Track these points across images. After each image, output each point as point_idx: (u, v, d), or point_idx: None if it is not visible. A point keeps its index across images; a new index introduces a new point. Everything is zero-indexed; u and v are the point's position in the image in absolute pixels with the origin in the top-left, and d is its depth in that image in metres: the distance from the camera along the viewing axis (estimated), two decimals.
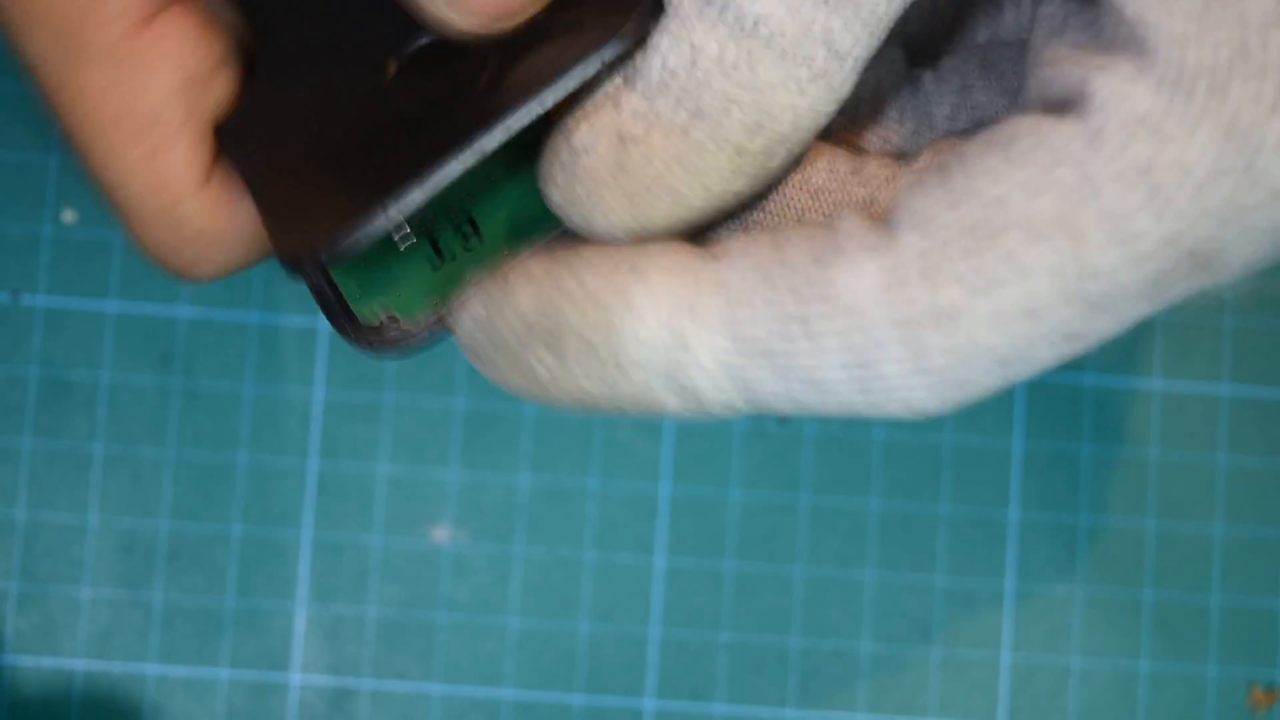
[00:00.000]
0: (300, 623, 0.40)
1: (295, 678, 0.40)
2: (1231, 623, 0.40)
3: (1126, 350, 0.41)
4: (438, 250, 0.28)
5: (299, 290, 0.40)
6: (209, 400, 0.40)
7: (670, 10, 0.25)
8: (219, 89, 0.27)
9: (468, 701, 0.40)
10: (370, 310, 0.27)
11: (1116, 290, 0.23)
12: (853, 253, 0.24)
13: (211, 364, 0.40)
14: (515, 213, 0.28)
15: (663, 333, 0.24)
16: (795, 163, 0.26)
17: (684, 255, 0.25)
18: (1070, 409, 0.41)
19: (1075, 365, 0.41)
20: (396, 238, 0.28)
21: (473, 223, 0.28)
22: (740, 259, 0.24)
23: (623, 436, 0.40)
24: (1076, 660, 0.40)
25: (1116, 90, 0.23)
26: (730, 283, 0.24)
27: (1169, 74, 0.23)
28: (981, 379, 0.24)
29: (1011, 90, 0.28)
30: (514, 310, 0.25)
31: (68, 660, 0.40)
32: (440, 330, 0.27)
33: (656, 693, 0.40)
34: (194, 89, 0.27)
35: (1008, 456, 0.40)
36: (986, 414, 0.41)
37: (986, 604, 0.40)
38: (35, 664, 0.40)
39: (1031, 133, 0.24)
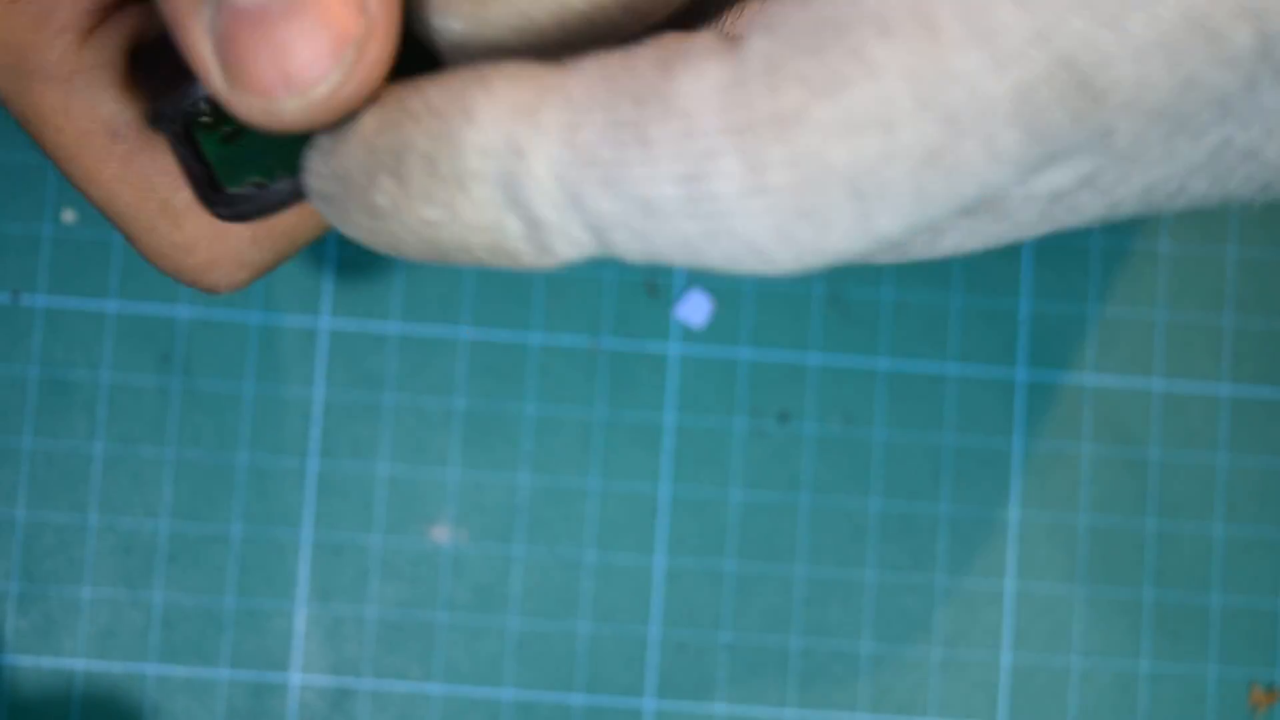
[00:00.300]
0: (300, 623, 0.40)
1: (295, 678, 0.40)
2: (1231, 623, 0.40)
3: (1127, 350, 0.41)
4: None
5: (299, 290, 0.40)
6: (209, 400, 0.40)
7: None
8: None
9: (468, 701, 0.40)
10: (237, 181, 0.27)
11: (981, 101, 0.21)
12: (698, 57, 0.22)
13: (211, 364, 0.40)
14: None
15: (499, 139, 0.22)
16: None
17: (532, 66, 0.23)
18: (1070, 408, 0.41)
19: (1076, 364, 0.41)
20: None
21: None
22: (589, 66, 0.22)
23: (623, 437, 0.40)
24: (1076, 660, 0.40)
25: None
26: (573, 88, 0.22)
27: None
28: (833, 211, 0.21)
29: None
30: (359, 136, 0.24)
31: (68, 660, 0.40)
32: (299, 190, 0.27)
33: (656, 693, 0.40)
34: None
35: (1008, 456, 0.40)
36: (986, 413, 0.41)
37: (986, 604, 0.40)
38: (35, 664, 0.40)
39: None
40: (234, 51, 0.23)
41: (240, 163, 0.28)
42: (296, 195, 0.27)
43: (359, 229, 0.24)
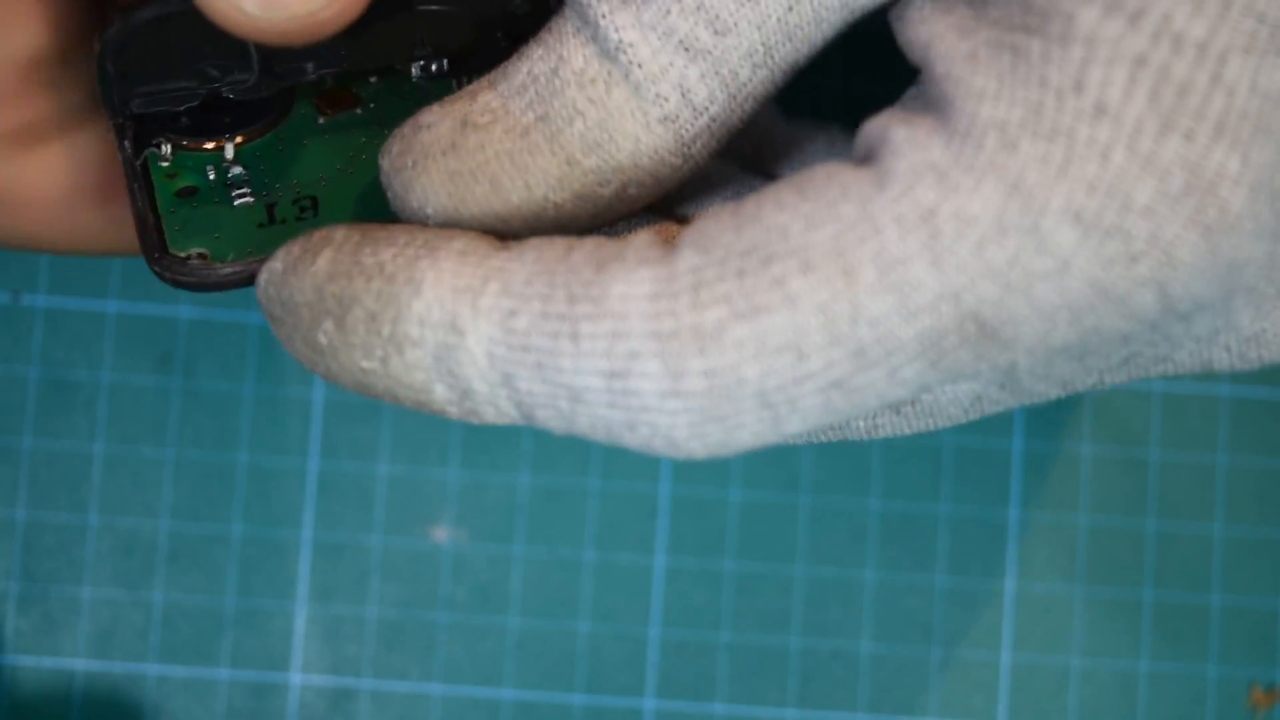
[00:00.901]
0: (300, 623, 0.40)
1: (295, 678, 0.40)
2: (1231, 623, 0.40)
3: None
4: (271, 215, 0.29)
5: None
6: (209, 400, 0.40)
7: (547, 25, 0.25)
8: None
9: (468, 701, 0.40)
10: (183, 245, 0.28)
11: (889, 341, 0.22)
12: (632, 261, 0.23)
13: (211, 364, 0.40)
14: (357, 207, 0.29)
15: (439, 312, 0.24)
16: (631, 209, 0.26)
17: (480, 243, 0.24)
18: (1070, 409, 0.41)
19: None
20: (234, 192, 0.29)
21: (313, 201, 0.29)
22: (529, 253, 0.24)
23: None
24: (1076, 660, 0.40)
25: (911, 138, 0.23)
26: (513, 273, 0.24)
27: (961, 125, 0.22)
28: (743, 417, 0.23)
29: None
30: (310, 273, 0.25)
31: (68, 660, 0.40)
32: (242, 279, 0.28)
33: (656, 693, 0.40)
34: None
35: (1008, 456, 0.40)
36: None
37: (986, 604, 0.40)
38: (35, 664, 0.40)
39: (827, 173, 0.23)
40: None
41: (190, 226, 0.28)
42: (237, 283, 0.28)
43: (298, 354, 0.26)
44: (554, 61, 0.25)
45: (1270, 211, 0.22)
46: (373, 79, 0.30)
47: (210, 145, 0.29)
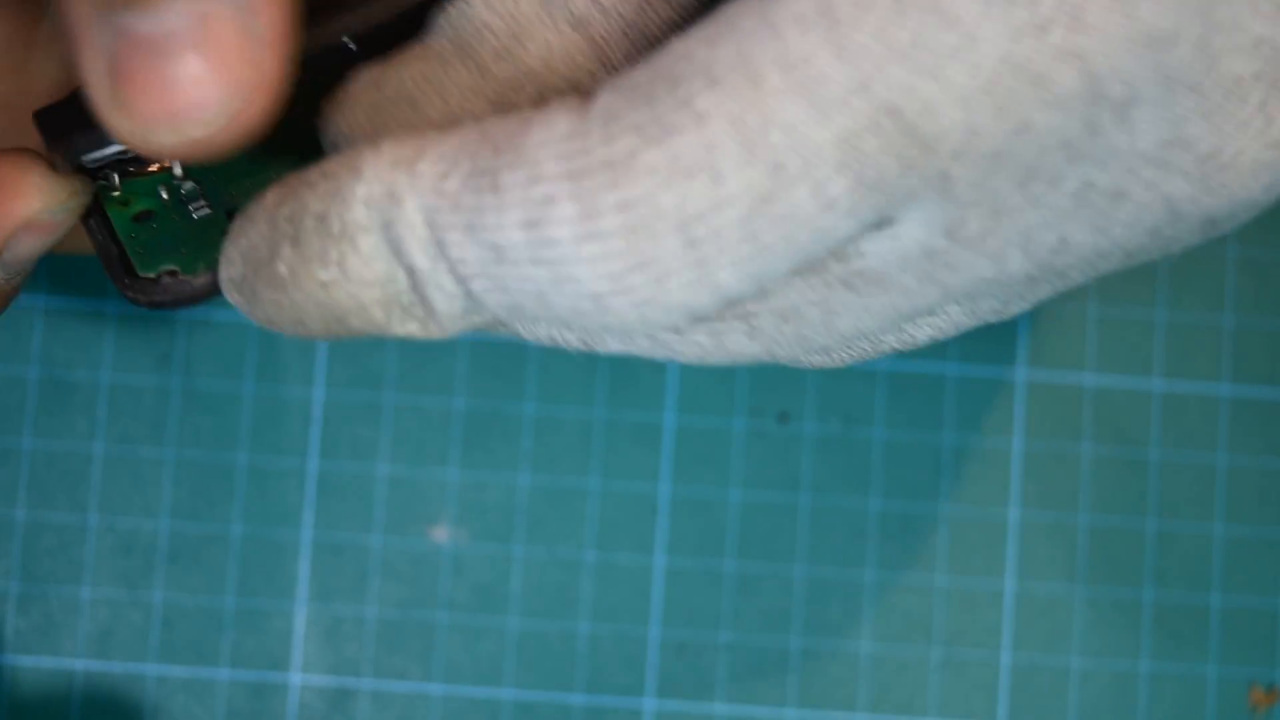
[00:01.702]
0: (300, 623, 0.40)
1: (295, 678, 0.40)
2: (1231, 623, 0.40)
3: (1127, 350, 0.41)
4: (232, 220, 0.29)
5: None
6: (209, 400, 0.40)
7: None
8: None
9: (468, 701, 0.40)
10: (151, 266, 0.28)
11: (805, 148, 0.21)
12: (553, 111, 0.23)
13: (211, 364, 0.40)
14: None
15: (380, 189, 0.23)
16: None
17: (417, 131, 0.24)
18: (1070, 409, 0.41)
19: (1075, 365, 0.41)
20: (191, 206, 0.29)
21: None
22: (466, 125, 0.23)
23: (623, 437, 0.40)
24: (1076, 660, 0.40)
25: None
26: (446, 139, 0.23)
27: None
28: (667, 261, 0.22)
29: None
30: (263, 210, 0.25)
31: (68, 660, 0.40)
32: (218, 288, 0.28)
33: (656, 693, 0.40)
34: None
35: (1008, 456, 0.40)
36: (986, 414, 0.41)
37: (986, 604, 0.40)
38: (35, 664, 0.40)
39: (726, 4, 0.22)
40: (124, 76, 0.23)
41: (154, 248, 0.28)
42: (213, 290, 0.28)
43: (265, 306, 0.25)
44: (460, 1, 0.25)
45: None
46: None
47: (156, 167, 0.29)
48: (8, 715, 0.39)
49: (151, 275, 0.28)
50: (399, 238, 0.23)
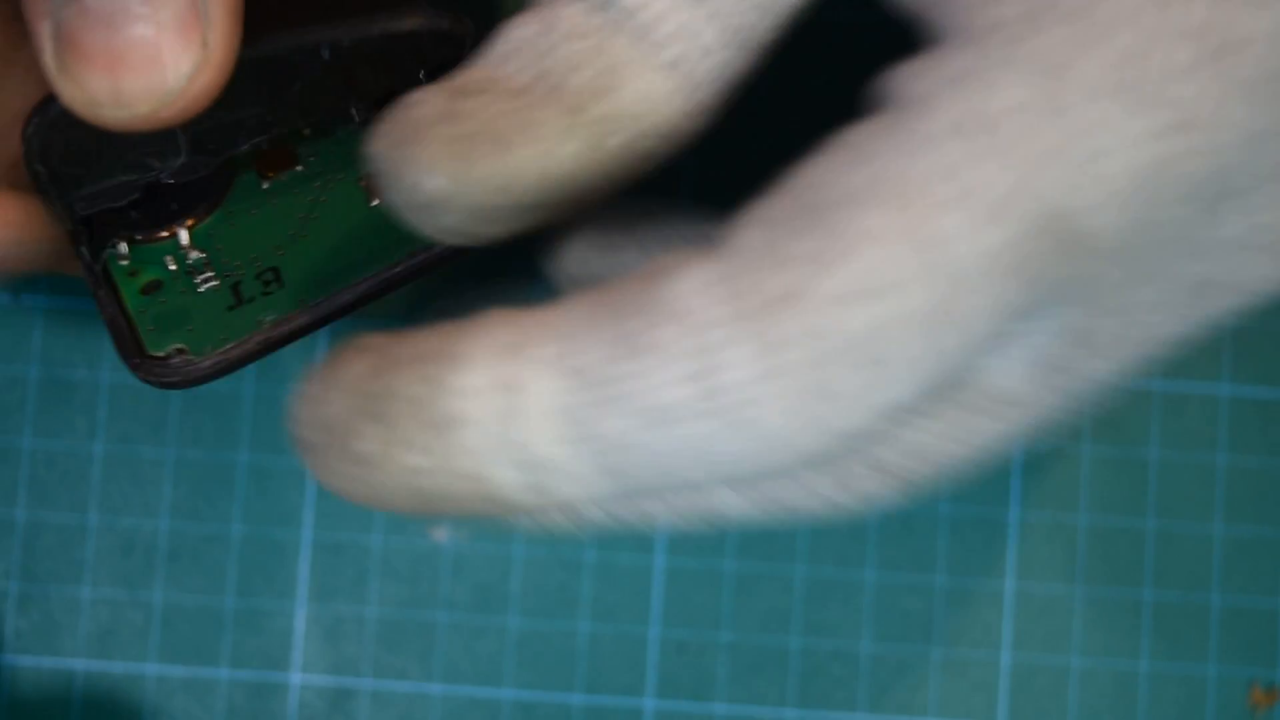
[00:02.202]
0: (300, 623, 0.40)
1: (295, 678, 0.40)
2: (1231, 623, 0.40)
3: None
4: (238, 295, 0.28)
5: None
6: (209, 400, 0.40)
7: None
8: None
9: (468, 701, 0.40)
10: (160, 344, 0.28)
11: (983, 257, 0.21)
12: (683, 264, 0.22)
13: None
14: (319, 268, 0.29)
15: (488, 377, 0.22)
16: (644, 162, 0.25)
17: (512, 311, 0.23)
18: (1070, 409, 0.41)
19: None
20: (198, 279, 0.28)
21: (275, 272, 0.29)
22: (568, 301, 0.22)
23: None
24: (1076, 660, 0.40)
25: (931, 60, 0.22)
26: (557, 321, 0.22)
27: (978, 29, 0.22)
28: (848, 382, 0.21)
29: None
30: (342, 380, 0.23)
31: (68, 660, 0.40)
32: (225, 367, 0.28)
33: (656, 693, 0.40)
34: None
35: (1008, 457, 0.40)
36: None
37: (986, 604, 0.40)
38: (35, 664, 0.40)
39: (855, 131, 0.22)
40: (73, 45, 0.23)
41: (163, 323, 0.28)
42: (219, 374, 0.28)
43: (341, 479, 0.23)
44: (538, 26, 0.24)
45: None
46: (306, 132, 0.30)
47: (164, 234, 0.29)
48: (8, 715, 0.39)
49: (160, 354, 0.28)
50: (519, 431, 0.22)
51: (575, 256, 0.26)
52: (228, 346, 0.28)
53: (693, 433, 0.21)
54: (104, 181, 0.27)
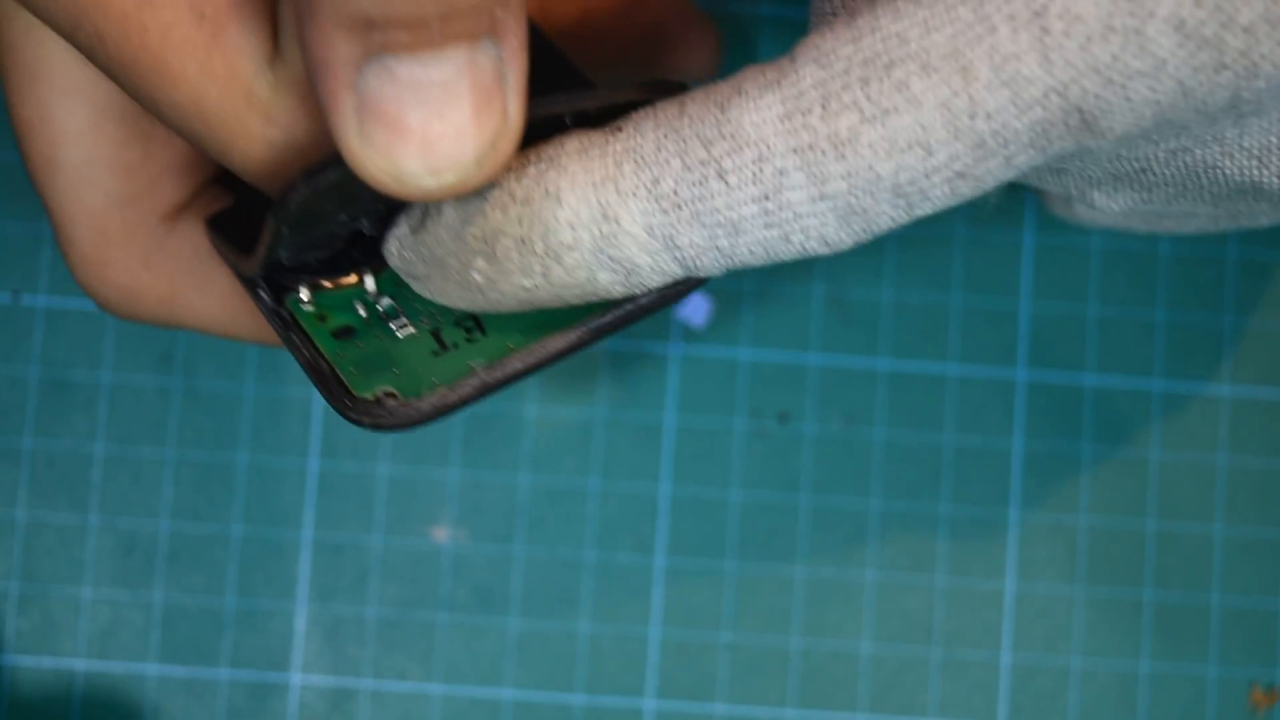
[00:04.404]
0: (300, 623, 0.40)
1: (295, 678, 0.40)
2: (1231, 623, 0.40)
3: (1127, 350, 0.41)
4: (439, 341, 0.28)
5: None
6: (209, 400, 0.40)
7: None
8: None
9: (468, 701, 0.40)
10: (367, 388, 0.27)
11: (1005, 133, 0.24)
12: (752, 91, 0.25)
13: (211, 364, 0.40)
14: (519, 319, 0.28)
15: (587, 211, 0.25)
16: None
17: (592, 135, 0.26)
18: (1070, 409, 0.41)
19: (1075, 365, 0.41)
20: (393, 324, 0.28)
21: (476, 320, 0.28)
22: (645, 123, 0.25)
23: (623, 437, 0.40)
24: (1076, 660, 0.40)
25: None
26: (640, 147, 0.25)
27: None
28: (881, 208, 0.25)
29: None
30: (441, 225, 0.26)
31: (68, 660, 0.40)
32: (444, 410, 0.27)
33: (656, 693, 0.40)
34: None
35: (1008, 456, 0.40)
36: (986, 414, 0.41)
37: (986, 603, 0.40)
38: (35, 664, 0.40)
39: None
40: (382, 117, 0.24)
41: (365, 367, 0.27)
42: (440, 415, 0.27)
43: (452, 299, 0.27)
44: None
45: None
46: None
47: (349, 280, 0.28)
48: (8, 715, 0.39)
49: (369, 396, 0.27)
50: (618, 250, 0.25)
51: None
52: (442, 390, 0.27)
53: (756, 239, 0.25)
54: (319, 235, 0.27)
